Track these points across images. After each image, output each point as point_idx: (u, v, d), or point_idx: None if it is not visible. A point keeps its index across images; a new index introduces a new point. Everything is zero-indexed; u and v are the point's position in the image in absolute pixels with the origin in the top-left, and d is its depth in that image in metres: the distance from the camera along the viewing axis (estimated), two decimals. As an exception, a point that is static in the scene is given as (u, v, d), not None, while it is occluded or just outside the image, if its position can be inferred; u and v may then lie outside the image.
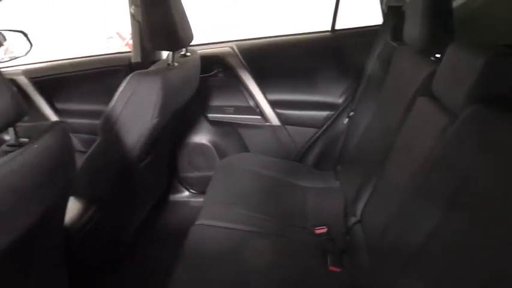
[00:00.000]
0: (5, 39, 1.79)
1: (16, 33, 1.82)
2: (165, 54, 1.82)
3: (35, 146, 0.79)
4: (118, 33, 4.09)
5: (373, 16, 1.77)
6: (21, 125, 0.79)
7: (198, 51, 1.65)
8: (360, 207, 1.33)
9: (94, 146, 1.32)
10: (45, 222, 0.84)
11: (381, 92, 1.45)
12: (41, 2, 3.26)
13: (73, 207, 1.25)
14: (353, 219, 1.35)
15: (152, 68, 1.39)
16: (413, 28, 1.19)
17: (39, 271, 0.95)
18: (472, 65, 0.85)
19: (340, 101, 1.84)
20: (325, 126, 1.87)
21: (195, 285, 1.11)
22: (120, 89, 1.25)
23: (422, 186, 0.93)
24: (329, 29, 1.82)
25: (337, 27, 1.82)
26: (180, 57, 1.49)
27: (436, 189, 0.86)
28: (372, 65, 1.66)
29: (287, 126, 1.91)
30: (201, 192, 2.05)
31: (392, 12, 1.63)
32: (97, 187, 1.33)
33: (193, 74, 1.54)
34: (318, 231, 1.40)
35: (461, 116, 0.83)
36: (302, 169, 1.84)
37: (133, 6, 1.67)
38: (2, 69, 0.72)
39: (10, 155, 0.73)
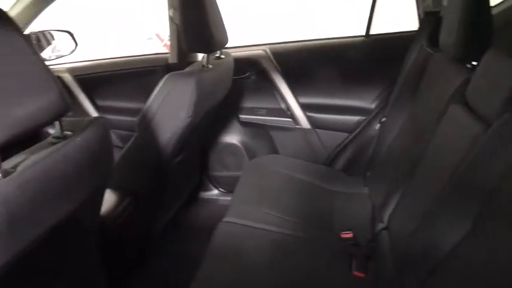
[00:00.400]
0: (53, 39, 1.91)
1: (63, 33, 1.93)
2: (200, 56, 1.88)
3: (78, 139, 0.85)
4: (157, 35, 4.22)
5: (407, 21, 1.75)
6: (65, 119, 0.85)
7: (232, 53, 1.69)
8: (387, 213, 1.32)
9: (131, 141, 1.38)
10: (83, 210, 0.89)
11: (415, 98, 1.44)
12: (86, 4, 3.43)
13: (109, 199, 1.32)
14: (380, 225, 1.34)
15: (187, 69, 1.44)
16: (450, 35, 1.18)
17: (74, 256, 1.02)
18: (509, 72, 0.83)
19: (372, 106, 1.83)
20: (356, 131, 1.86)
21: (218, 278, 1.15)
22: (157, 88, 1.31)
23: (453, 194, 0.92)
24: (363, 33, 1.81)
25: (371, 32, 1.81)
26: (215, 59, 1.53)
27: (467, 197, 0.85)
28: (406, 71, 1.64)
29: (317, 130, 1.91)
30: (230, 191, 2.09)
31: (429, 18, 1.60)
32: (132, 180, 1.40)
33: (226, 75, 1.59)
34: (343, 236, 1.40)
35: (495, 124, 0.82)
36: (331, 173, 1.84)
37: (172, 10, 1.73)
38: (49, 67, 0.78)
39: (55, 147, 0.79)
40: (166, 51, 2.04)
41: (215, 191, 2.13)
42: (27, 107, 0.70)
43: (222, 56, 1.56)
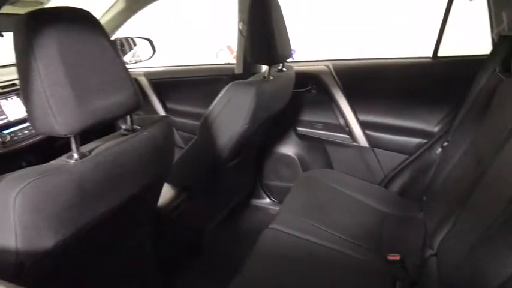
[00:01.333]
0: (134, 45, 2.12)
1: (144, 40, 2.14)
2: (264, 67, 1.97)
3: (145, 132, 0.95)
4: (228, 47, 4.42)
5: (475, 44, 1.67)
6: (136, 116, 0.96)
7: (295, 67, 1.75)
8: (438, 240, 1.27)
9: (191, 142, 1.49)
10: (144, 196, 1.00)
11: (480, 124, 1.38)
12: (166, 15, 3.73)
13: (166, 193, 1.43)
14: (429, 252, 1.30)
15: (249, 79, 1.52)
16: None
17: (130, 240, 1.12)
18: None
19: (435, 129, 1.77)
20: (416, 154, 1.81)
21: (258, 280, 1.18)
22: (220, 95, 1.41)
23: (509, 223, 0.87)
24: (430, 55, 1.77)
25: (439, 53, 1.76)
26: (277, 71, 1.60)
27: None
28: (473, 96, 1.57)
29: (375, 149, 1.89)
30: (281, 201, 2.13)
31: (503, 42, 1.53)
32: (189, 178, 1.50)
33: (286, 88, 1.64)
34: (390, 258, 1.37)
35: None
36: (385, 194, 1.80)
37: (241, 23, 1.84)
38: (129, 70, 0.90)
39: (125, 137, 0.90)
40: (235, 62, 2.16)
41: (267, 200, 2.18)
42: (105, 101, 0.81)
43: (284, 69, 1.62)
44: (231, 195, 1.82)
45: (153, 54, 2.15)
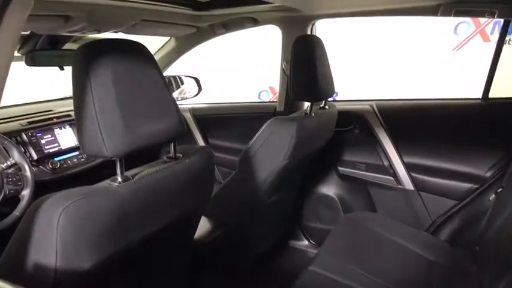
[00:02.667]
0: (182, 83, 2.23)
1: (191, 78, 2.24)
2: (306, 105, 1.98)
3: (186, 160, 0.97)
4: (270, 88, 4.52)
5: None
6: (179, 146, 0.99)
7: (338, 106, 1.74)
8: None
9: (230, 176, 1.49)
10: (182, 224, 0.99)
11: None
12: (214, 56, 3.93)
13: (203, 226, 1.42)
14: None
15: (291, 115, 1.53)
16: None
17: (164, 267, 1.11)
18: None
19: (487, 174, 1.66)
20: (467, 200, 1.69)
21: None
22: (261, 129, 1.42)
23: None
24: (479, 96, 1.70)
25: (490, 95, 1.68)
26: (319, 109, 1.60)
27: None
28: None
29: (422, 193, 1.79)
30: (320, 244, 2.04)
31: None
32: (227, 212, 1.49)
33: (327, 125, 1.63)
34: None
35: None
36: (433, 242, 1.68)
37: (284, 62, 1.88)
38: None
39: (166, 164, 0.92)
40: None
41: (305, 242, 2.10)
42: (151, 127, 0.84)
43: (326, 107, 1.62)
44: (268, 234, 1.78)
45: (199, 92, 2.24)
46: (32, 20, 1.20)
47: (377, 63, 3.66)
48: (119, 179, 0.82)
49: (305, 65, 1.41)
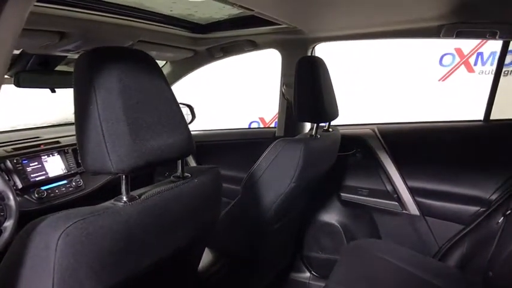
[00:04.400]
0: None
1: (184, 106, 2.18)
2: (307, 129, 1.94)
3: (195, 180, 0.89)
4: (261, 119, 4.51)
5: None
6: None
7: (340, 130, 1.70)
8: None
9: (232, 203, 1.41)
10: (188, 252, 0.90)
11: None
12: (204, 86, 3.93)
13: (205, 257, 1.32)
14: None
15: (296, 137, 1.48)
16: None
17: None
18: None
19: (493, 197, 1.62)
20: (474, 224, 1.64)
21: None
22: (266, 152, 1.35)
23: None
24: (481, 118, 1.69)
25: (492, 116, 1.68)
26: (323, 131, 1.56)
27: None
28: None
29: (427, 218, 1.73)
30: (323, 276, 1.94)
31: None
32: (229, 241, 1.39)
33: (332, 148, 1.58)
34: None
35: None
36: (442, 269, 1.61)
37: (284, 86, 1.85)
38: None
39: (174, 184, 0.84)
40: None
41: (307, 274, 1.99)
42: (160, 142, 0.77)
43: (330, 130, 1.58)
44: (272, 264, 1.67)
45: (193, 120, 2.18)
46: (26, 35, 1.14)
47: (366, 93, 3.72)
48: (124, 199, 0.73)
49: (309, 85, 1.38)
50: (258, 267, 1.52)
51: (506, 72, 3.25)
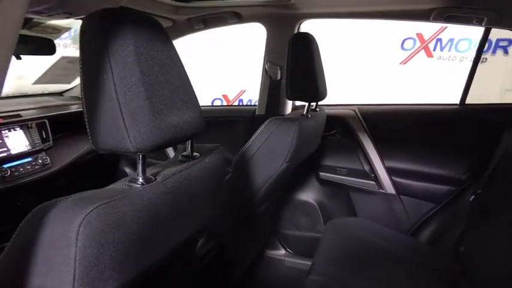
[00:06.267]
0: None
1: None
2: (288, 109, 1.91)
3: (206, 160, 0.84)
4: (224, 96, 4.42)
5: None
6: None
7: None
8: None
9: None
10: (198, 234, 0.85)
11: None
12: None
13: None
14: None
15: (288, 115, 1.45)
16: None
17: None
18: None
19: (463, 177, 1.72)
20: (445, 202, 1.73)
21: None
22: (259, 130, 1.31)
23: None
24: (457, 102, 1.77)
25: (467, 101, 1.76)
26: (311, 111, 1.54)
27: None
28: (506, 144, 1.55)
29: (402, 196, 1.81)
30: (298, 253, 1.97)
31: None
32: (218, 224, 1.35)
33: (320, 128, 1.58)
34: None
35: None
36: (416, 244, 1.70)
37: (268, 63, 1.80)
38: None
39: (187, 164, 0.78)
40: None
41: (282, 251, 2.01)
42: (178, 118, 0.70)
43: (317, 109, 1.57)
44: (255, 244, 1.66)
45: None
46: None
47: (330, 74, 3.77)
48: (141, 180, 0.66)
49: (304, 64, 1.35)
50: (243, 248, 1.50)
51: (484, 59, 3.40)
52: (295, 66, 1.37)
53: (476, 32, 2.14)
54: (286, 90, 1.40)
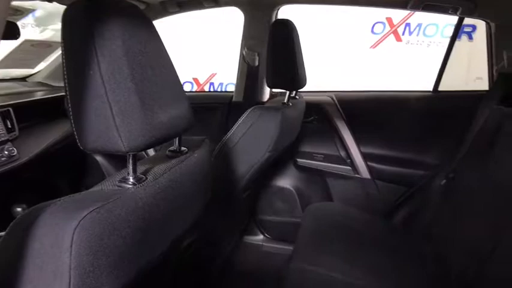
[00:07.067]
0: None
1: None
2: (266, 96, 1.90)
3: (195, 155, 0.82)
4: (195, 79, 4.32)
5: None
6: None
7: None
8: (471, 273, 1.22)
9: None
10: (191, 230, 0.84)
11: (492, 157, 1.40)
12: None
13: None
14: (462, 286, 1.25)
15: (270, 104, 1.44)
16: None
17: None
18: None
19: (436, 161, 1.79)
20: (417, 186, 1.80)
21: None
22: (241, 119, 1.30)
23: None
24: (431, 89, 1.82)
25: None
26: (291, 99, 1.53)
27: None
28: (477, 129, 1.62)
29: (377, 181, 1.86)
30: (276, 237, 2.00)
31: (503, 78, 1.61)
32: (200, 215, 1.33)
33: (301, 115, 1.58)
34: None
35: None
36: (390, 227, 1.77)
37: (245, 49, 1.77)
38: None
39: (177, 160, 0.76)
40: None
41: (260, 236, 2.03)
42: (168, 114, 0.68)
43: (297, 97, 1.57)
44: (234, 233, 1.66)
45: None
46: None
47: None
48: (131, 180, 0.64)
49: (286, 51, 1.33)
50: (224, 237, 1.50)
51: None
52: (276, 55, 1.35)
53: (443, 17, 2.19)
54: (267, 78, 1.39)
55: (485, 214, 1.30)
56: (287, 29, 1.34)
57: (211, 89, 4.13)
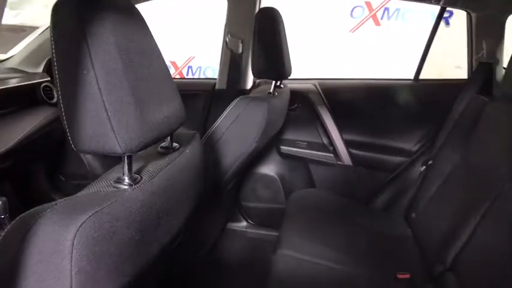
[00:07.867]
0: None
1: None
2: (249, 84, 1.88)
3: (187, 151, 0.81)
4: (172, 62, 4.23)
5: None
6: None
7: None
8: (450, 255, 1.28)
9: None
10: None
11: (469, 144, 1.45)
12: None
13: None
14: (441, 267, 1.31)
15: (255, 94, 1.43)
16: None
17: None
18: None
19: (414, 148, 1.84)
20: (397, 172, 1.85)
21: None
22: (227, 110, 1.29)
23: None
24: (412, 77, 1.85)
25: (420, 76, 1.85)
26: (276, 88, 1.53)
27: None
28: (456, 117, 1.67)
29: (358, 168, 1.90)
30: (259, 224, 2.03)
31: (482, 68, 1.65)
32: None
33: (286, 105, 1.58)
34: (400, 277, 1.36)
35: None
36: (372, 212, 1.82)
37: (229, 35, 1.74)
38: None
39: (171, 157, 0.75)
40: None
41: (244, 223, 2.05)
42: (162, 113, 0.67)
43: (282, 86, 1.56)
44: (219, 221, 1.67)
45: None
46: None
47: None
48: (127, 180, 0.63)
49: (271, 41, 1.32)
50: (209, 226, 1.51)
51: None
52: (262, 45, 1.34)
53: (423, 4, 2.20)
54: (253, 68, 1.38)
55: (462, 198, 1.35)
56: (273, 19, 1.32)
57: (190, 73, 4.05)
